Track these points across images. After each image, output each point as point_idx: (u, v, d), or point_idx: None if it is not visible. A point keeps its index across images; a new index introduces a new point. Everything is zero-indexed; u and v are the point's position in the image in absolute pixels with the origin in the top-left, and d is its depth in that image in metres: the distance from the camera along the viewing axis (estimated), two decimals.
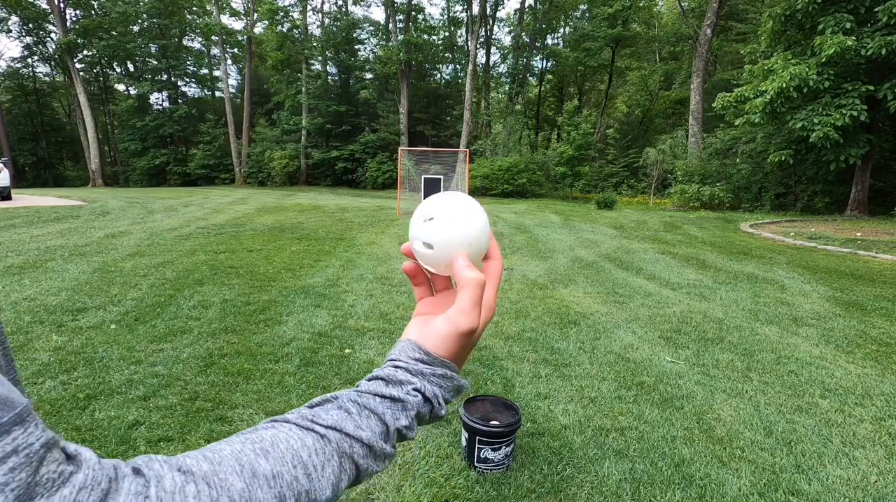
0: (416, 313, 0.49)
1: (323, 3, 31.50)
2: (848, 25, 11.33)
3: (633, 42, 27.57)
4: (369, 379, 0.42)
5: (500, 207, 15.37)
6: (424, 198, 0.45)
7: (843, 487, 2.05)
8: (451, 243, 0.43)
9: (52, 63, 35.34)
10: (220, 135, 32.11)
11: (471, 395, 2.35)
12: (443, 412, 0.43)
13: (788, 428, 2.50)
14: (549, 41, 30.67)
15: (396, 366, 0.42)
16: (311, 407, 0.40)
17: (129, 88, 34.66)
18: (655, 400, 2.77)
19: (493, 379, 2.95)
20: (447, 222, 0.43)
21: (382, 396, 0.41)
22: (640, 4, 25.86)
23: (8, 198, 12.64)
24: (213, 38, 32.07)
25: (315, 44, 30.22)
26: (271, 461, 0.34)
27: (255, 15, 30.32)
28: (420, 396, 0.42)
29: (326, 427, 0.38)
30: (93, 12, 31.23)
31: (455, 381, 0.44)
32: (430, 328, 0.44)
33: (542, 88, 31.66)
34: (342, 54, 30.05)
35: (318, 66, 31.48)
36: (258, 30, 31.72)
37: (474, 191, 19.12)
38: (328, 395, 0.41)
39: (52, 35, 32.24)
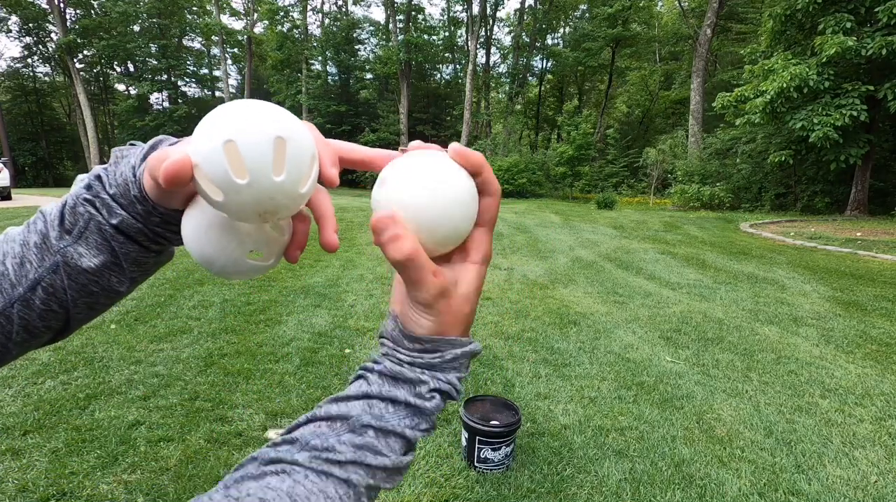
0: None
1: (323, 3, 31.53)
2: (848, 25, 11.32)
3: (633, 42, 27.54)
4: (379, 375, 0.36)
5: (501, 207, 15.33)
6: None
7: (843, 487, 2.05)
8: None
9: (52, 63, 35.30)
10: None
11: (471, 395, 2.34)
12: (459, 394, 0.38)
13: (788, 428, 2.49)
14: (549, 41, 30.68)
15: (400, 362, 0.36)
16: (318, 420, 0.35)
17: (129, 88, 34.63)
18: (655, 400, 2.77)
19: (493, 379, 2.95)
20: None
21: (396, 402, 0.35)
22: (640, 4, 25.84)
23: (8, 198, 12.65)
24: (213, 38, 32.07)
25: (315, 44, 30.22)
26: None
27: (255, 15, 30.34)
28: (437, 396, 0.36)
29: (345, 463, 0.32)
30: (93, 12, 31.21)
31: (463, 355, 0.37)
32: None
33: (542, 88, 31.65)
34: (342, 54, 30.05)
35: (318, 66, 31.48)
36: (258, 30, 31.75)
37: None
38: (334, 409, 0.35)
39: (52, 35, 32.21)
